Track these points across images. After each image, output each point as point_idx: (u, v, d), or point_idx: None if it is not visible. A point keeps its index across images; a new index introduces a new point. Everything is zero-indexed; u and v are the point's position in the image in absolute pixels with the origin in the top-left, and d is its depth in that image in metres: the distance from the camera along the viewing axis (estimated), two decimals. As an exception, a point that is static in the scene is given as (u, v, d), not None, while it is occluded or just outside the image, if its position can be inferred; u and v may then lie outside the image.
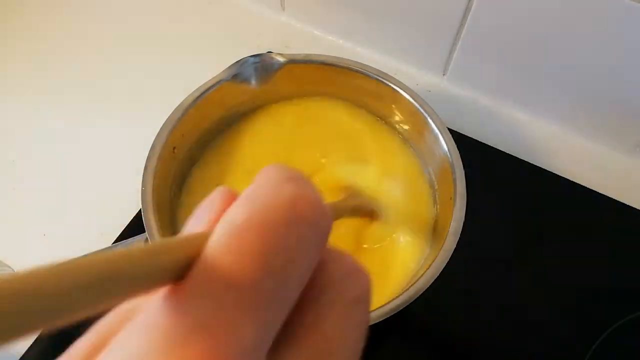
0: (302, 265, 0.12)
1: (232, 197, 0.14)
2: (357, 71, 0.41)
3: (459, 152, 0.37)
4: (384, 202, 0.40)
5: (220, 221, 0.12)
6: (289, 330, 0.12)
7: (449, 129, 0.39)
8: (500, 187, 0.47)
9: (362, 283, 0.14)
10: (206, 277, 0.11)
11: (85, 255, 0.10)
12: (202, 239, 0.11)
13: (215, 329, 0.10)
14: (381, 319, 0.31)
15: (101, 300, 0.10)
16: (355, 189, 0.39)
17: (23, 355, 0.38)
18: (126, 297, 0.10)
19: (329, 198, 0.39)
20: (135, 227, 0.44)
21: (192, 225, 0.14)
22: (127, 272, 0.10)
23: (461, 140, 0.39)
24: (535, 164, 0.48)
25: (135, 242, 0.37)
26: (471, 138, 0.49)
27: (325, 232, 0.13)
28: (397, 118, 0.42)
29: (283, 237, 0.11)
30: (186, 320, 0.10)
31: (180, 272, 0.11)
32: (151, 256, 0.11)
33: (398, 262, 0.38)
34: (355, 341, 0.13)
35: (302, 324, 0.13)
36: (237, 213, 0.12)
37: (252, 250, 0.11)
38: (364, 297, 0.14)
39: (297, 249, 0.12)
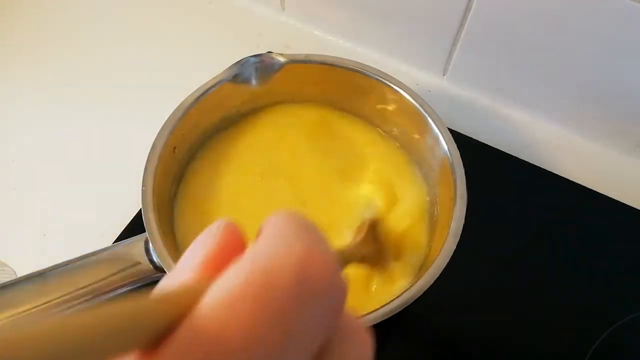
0: (303, 340, 0.11)
1: (233, 236, 0.13)
2: (357, 71, 0.41)
3: (459, 152, 0.37)
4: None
5: (217, 283, 0.11)
6: None
7: (449, 129, 0.39)
8: (500, 187, 0.47)
9: (364, 346, 0.13)
10: (189, 347, 0.10)
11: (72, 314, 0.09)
12: (191, 296, 0.11)
13: None
14: (381, 320, 0.31)
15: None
16: (370, 230, 0.35)
17: None
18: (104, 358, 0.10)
19: (327, 216, 0.38)
20: (135, 227, 0.44)
21: (184, 265, 0.13)
22: (106, 338, 0.09)
23: (461, 140, 0.39)
24: (535, 164, 0.48)
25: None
26: (471, 138, 0.49)
27: (338, 305, 0.12)
28: (397, 118, 0.42)
29: (283, 309, 0.10)
30: None
31: (163, 332, 0.10)
32: (134, 319, 0.10)
33: (397, 263, 0.38)
34: None
35: None
36: (235, 276, 0.11)
37: (244, 323, 0.10)
38: (365, 356, 0.13)
39: (299, 323, 0.10)
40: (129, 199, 0.44)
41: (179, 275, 0.13)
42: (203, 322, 0.10)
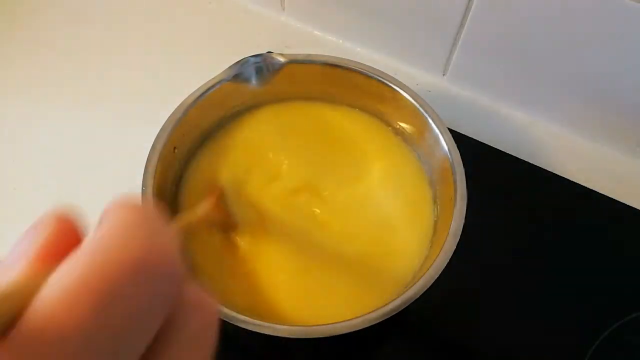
0: (143, 329, 0.11)
1: (68, 226, 0.13)
2: (357, 71, 0.41)
3: (459, 152, 0.37)
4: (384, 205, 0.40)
5: (53, 278, 0.11)
6: None
7: (449, 129, 0.39)
8: (501, 188, 0.47)
9: (206, 314, 0.13)
10: (30, 338, 0.10)
11: None
12: (27, 291, 0.10)
13: None
14: (381, 319, 0.31)
15: None
16: (219, 198, 0.38)
17: None
18: None
19: (294, 199, 0.40)
20: (135, 227, 0.43)
21: (16, 257, 0.12)
22: None
23: (461, 140, 0.39)
24: (535, 164, 0.48)
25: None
26: (471, 138, 0.49)
27: (175, 289, 0.12)
28: (397, 118, 0.42)
29: (121, 302, 0.10)
30: None
31: (5, 325, 0.10)
32: None
33: (398, 263, 0.38)
34: None
35: None
36: (74, 269, 0.11)
37: (82, 317, 0.10)
38: (210, 327, 0.13)
39: (138, 314, 0.11)
40: (129, 199, 0.44)
41: (10, 267, 0.12)
42: (40, 322, 0.10)
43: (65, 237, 0.13)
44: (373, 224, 0.39)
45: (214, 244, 0.37)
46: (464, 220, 0.34)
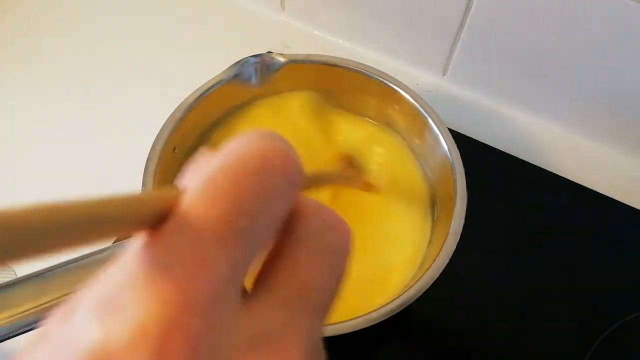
0: (272, 207, 0.13)
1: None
2: (357, 71, 0.41)
3: (459, 152, 0.37)
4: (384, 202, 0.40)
5: (196, 172, 0.13)
6: (267, 275, 0.13)
7: (449, 129, 0.39)
8: (501, 187, 0.47)
9: (341, 234, 0.15)
10: (181, 220, 0.11)
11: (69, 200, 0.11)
12: (181, 192, 0.12)
13: (189, 264, 0.11)
14: (381, 319, 0.31)
15: (80, 238, 0.10)
16: (356, 160, 0.40)
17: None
18: (104, 238, 0.11)
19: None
20: (135, 227, 0.44)
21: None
22: (105, 217, 0.11)
23: (461, 140, 0.39)
24: (535, 164, 0.48)
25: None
26: (471, 138, 0.49)
27: (295, 179, 0.13)
28: (397, 118, 0.42)
29: (253, 181, 0.12)
30: (160, 257, 0.11)
31: (158, 219, 0.12)
32: (129, 205, 0.11)
33: (397, 263, 0.38)
34: (330, 289, 0.14)
35: (280, 268, 0.13)
36: (211, 164, 0.12)
37: (223, 194, 0.12)
38: (342, 248, 0.15)
39: (267, 193, 0.12)
40: (129, 199, 0.44)
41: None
42: (193, 197, 0.12)
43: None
44: (372, 224, 0.39)
45: None
46: (464, 220, 0.34)
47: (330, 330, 0.30)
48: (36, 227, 0.09)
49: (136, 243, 0.12)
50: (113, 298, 0.11)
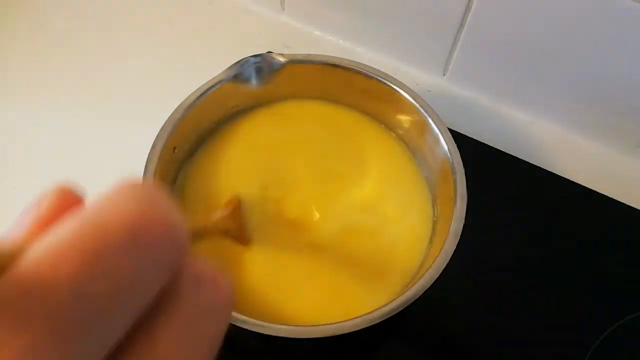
0: (133, 292, 0.11)
1: (67, 200, 0.12)
2: (357, 71, 0.41)
3: (459, 152, 0.37)
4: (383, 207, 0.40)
5: (47, 234, 0.10)
6: (123, 354, 0.11)
7: (449, 129, 0.39)
8: (501, 187, 0.47)
9: (215, 291, 0.13)
10: (9, 293, 0.09)
11: None
12: (19, 249, 0.10)
13: (9, 354, 0.09)
14: (381, 320, 0.31)
15: None
16: (236, 207, 0.38)
17: None
18: None
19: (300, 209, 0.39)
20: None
21: (14, 228, 0.12)
22: None
23: (461, 140, 0.39)
24: (535, 164, 0.48)
25: None
26: (471, 138, 0.49)
27: (175, 256, 0.11)
28: (397, 118, 0.42)
29: (111, 262, 0.10)
30: None
31: None
32: None
33: (398, 263, 0.38)
34: (200, 356, 0.12)
35: (135, 345, 0.11)
36: (66, 229, 0.10)
37: (69, 273, 0.10)
38: (217, 306, 0.13)
39: (128, 277, 0.10)
40: (129, 199, 0.44)
41: (6, 234, 0.12)
42: (32, 268, 0.10)
43: (66, 209, 0.12)
44: (372, 224, 0.39)
45: (221, 246, 0.37)
46: (464, 221, 0.34)
47: (331, 330, 0.30)
48: None
49: None
50: None
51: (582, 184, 0.47)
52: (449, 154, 0.38)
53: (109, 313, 0.10)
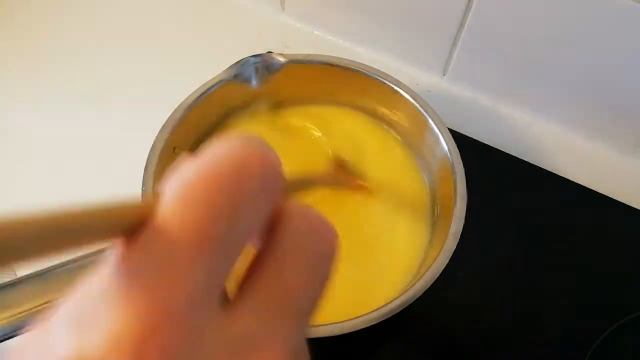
0: (250, 212, 0.12)
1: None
2: (357, 71, 0.41)
3: (459, 152, 0.37)
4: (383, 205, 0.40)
5: (174, 179, 0.12)
6: (251, 279, 0.13)
7: (449, 129, 0.39)
8: (501, 187, 0.47)
9: (326, 238, 0.14)
10: (156, 229, 0.11)
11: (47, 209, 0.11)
12: (157, 200, 0.12)
13: (163, 273, 0.11)
14: (381, 320, 0.31)
15: (54, 249, 0.10)
16: (346, 162, 0.40)
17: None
18: (81, 247, 0.11)
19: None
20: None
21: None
22: (80, 227, 0.11)
23: (461, 140, 0.39)
24: (535, 164, 0.48)
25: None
26: (471, 138, 0.49)
27: (274, 184, 0.13)
28: (397, 118, 0.42)
29: (229, 187, 0.12)
30: (135, 267, 0.11)
31: (134, 228, 0.12)
32: (105, 215, 0.11)
33: (398, 263, 0.38)
34: (314, 294, 0.14)
35: (263, 272, 0.13)
36: (187, 169, 0.12)
37: (198, 201, 0.12)
38: (328, 252, 0.14)
39: (244, 199, 0.12)
40: (129, 199, 0.44)
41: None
42: (169, 205, 0.12)
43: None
44: (372, 225, 0.39)
45: None
46: (464, 221, 0.34)
47: (331, 330, 0.30)
48: (18, 237, 0.10)
49: (113, 253, 0.12)
50: (88, 309, 0.11)
51: (582, 184, 0.47)
52: (449, 154, 0.38)
53: (233, 229, 0.12)
